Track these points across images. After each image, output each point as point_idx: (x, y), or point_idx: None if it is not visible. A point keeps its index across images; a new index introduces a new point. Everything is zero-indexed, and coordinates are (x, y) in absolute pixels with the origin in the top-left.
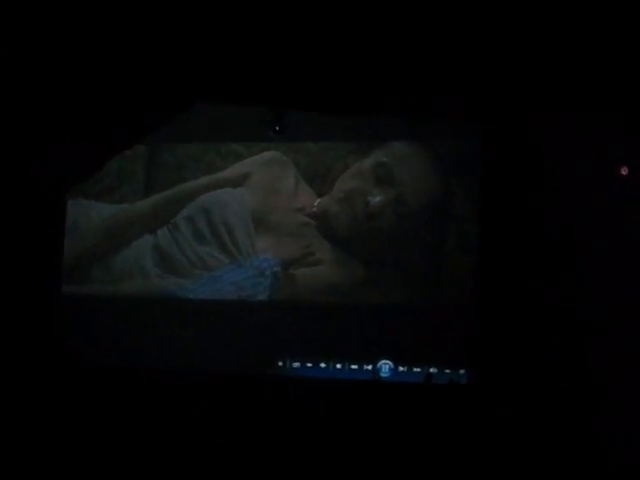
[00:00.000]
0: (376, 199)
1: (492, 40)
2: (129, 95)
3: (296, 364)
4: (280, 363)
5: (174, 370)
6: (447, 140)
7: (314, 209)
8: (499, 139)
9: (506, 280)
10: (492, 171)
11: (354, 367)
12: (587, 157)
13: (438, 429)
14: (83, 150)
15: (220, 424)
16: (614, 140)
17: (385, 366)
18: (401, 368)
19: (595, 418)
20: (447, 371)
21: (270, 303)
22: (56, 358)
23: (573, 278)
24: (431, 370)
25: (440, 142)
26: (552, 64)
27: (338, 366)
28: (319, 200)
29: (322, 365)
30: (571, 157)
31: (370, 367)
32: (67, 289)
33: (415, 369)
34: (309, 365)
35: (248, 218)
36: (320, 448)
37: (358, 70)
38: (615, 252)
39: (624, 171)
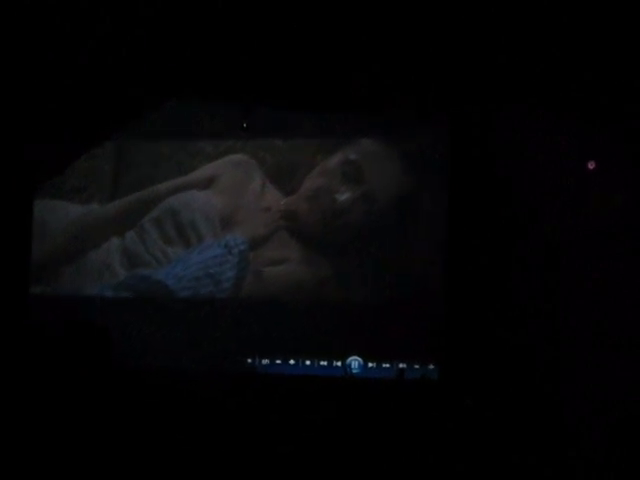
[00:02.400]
0: (343, 197)
1: (460, 37)
2: (97, 93)
3: (265, 361)
4: (249, 360)
5: (142, 370)
6: (415, 137)
7: (281, 208)
8: (467, 136)
9: (475, 276)
10: (460, 167)
11: (323, 363)
12: (555, 153)
13: (409, 424)
14: (51, 149)
15: (189, 423)
16: (581, 135)
17: (355, 362)
18: (370, 364)
19: (566, 412)
20: (417, 367)
21: (238, 300)
22: (24, 359)
23: (542, 273)
24: (401, 366)
25: (408, 139)
26: (519, 61)
27: (307, 362)
28: (286, 199)
29: (291, 362)
30: (539, 153)
31: (339, 363)
32: (35, 290)
33: (384, 365)
34: (278, 362)
35: (215, 219)
36: (291, 444)
37: (326, 66)
38: (583, 246)
39: (591, 165)
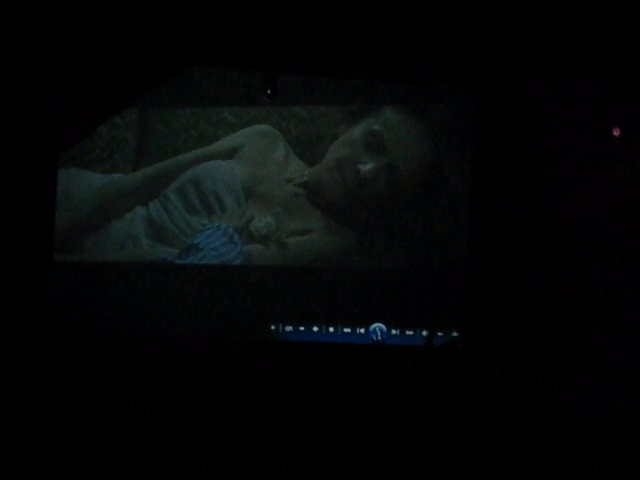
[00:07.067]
0: (367, 167)
1: (484, 4)
2: (119, 61)
3: (289, 328)
4: (273, 327)
5: (166, 336)
6: (439, 106)
7: (305, 178)
8: (492, 105)
9: (498, 245)
10: (484, 137)
11: (347, 330)
12: (579, 120)
13: (433, 391)
14: (73, 116)
15: (214, 389)
16: (606, 102)
17: (378, 329)
18: (394, 331)
19: (588, 381)
20: (440, 334)
21: (262, 268)
22: (48, 326)
23: (566, 242)
24: (424, 333)
25: (432, 108)
26: (544, 27)
27: (331, 329)
28: (309, 170)
29: (315, 329)
30: (564, 121)
31: (363, 330)
32: (59, 258)
33: (408, 332)
34: (302, 329)
35: (238, 189)
36: (314, 410)
37: (350, 33)
38: (609, 215)
39: (616, 132)
